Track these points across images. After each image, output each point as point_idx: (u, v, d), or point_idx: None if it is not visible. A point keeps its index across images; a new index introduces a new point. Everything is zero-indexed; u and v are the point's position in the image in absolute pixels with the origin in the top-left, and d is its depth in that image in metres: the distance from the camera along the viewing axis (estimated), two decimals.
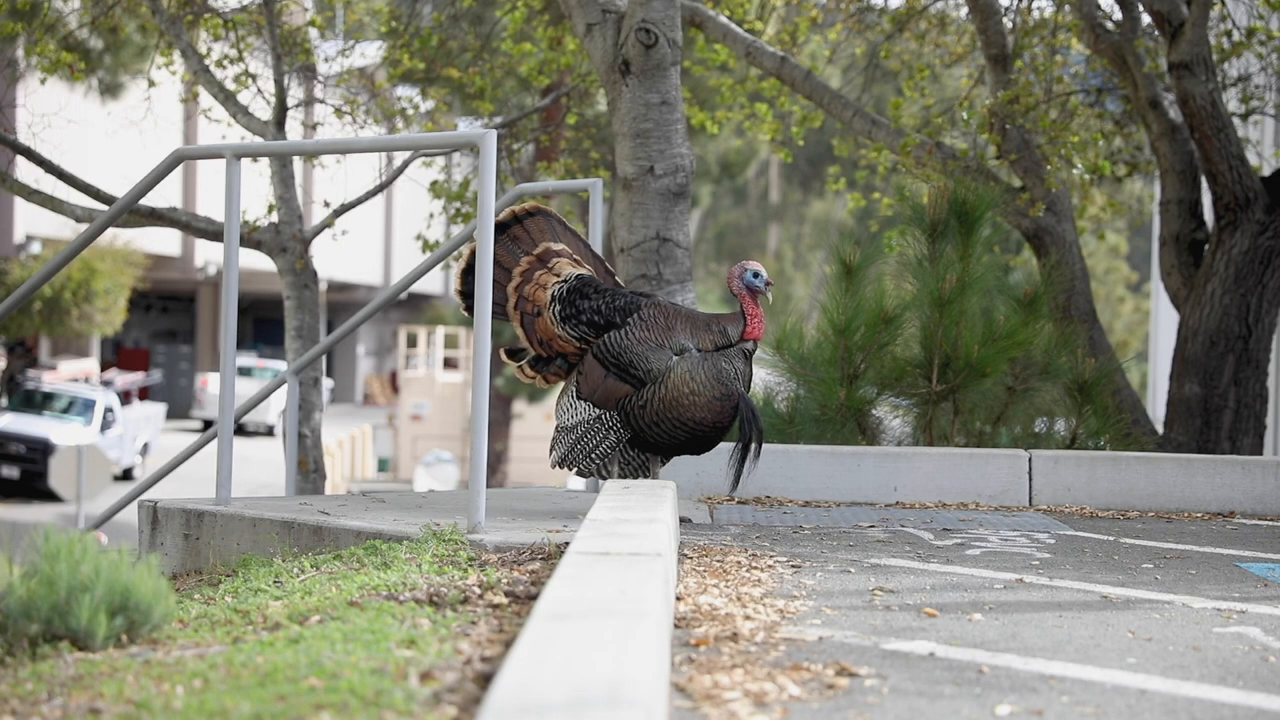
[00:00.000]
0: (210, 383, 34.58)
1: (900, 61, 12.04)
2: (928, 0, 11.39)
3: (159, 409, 29.59)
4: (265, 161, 10.75)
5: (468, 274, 5.53)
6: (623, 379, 5.37)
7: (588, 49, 8.08)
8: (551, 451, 5.58)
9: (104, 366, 34.41)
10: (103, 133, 15.55)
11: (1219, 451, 8.55)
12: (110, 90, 22.60)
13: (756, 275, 5.40)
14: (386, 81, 12.60)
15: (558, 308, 5.45)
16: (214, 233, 9.54)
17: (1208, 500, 6.70)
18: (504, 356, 5.61)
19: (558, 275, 5.52)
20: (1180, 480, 6.72)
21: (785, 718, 2.89)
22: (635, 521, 4.28)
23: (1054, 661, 3.43)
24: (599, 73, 8.05)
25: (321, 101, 11.58)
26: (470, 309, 5.43)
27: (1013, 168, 9.65)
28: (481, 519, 4.90)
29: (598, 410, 5.39)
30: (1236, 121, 9.93)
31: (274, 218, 10.02)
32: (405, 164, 10.50)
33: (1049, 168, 9.52)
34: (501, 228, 5.60)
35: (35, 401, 25.52)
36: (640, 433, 5.39)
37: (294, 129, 11.51)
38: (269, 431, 35.69)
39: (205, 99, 11.35)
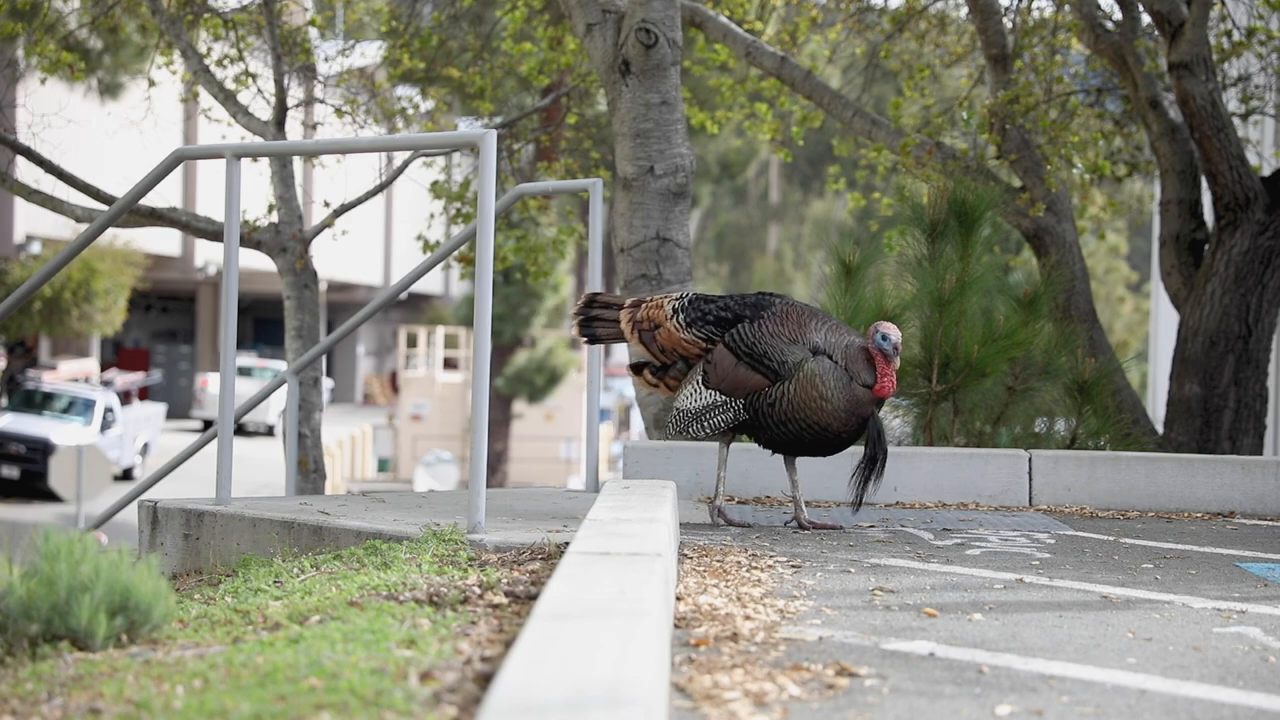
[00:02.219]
0: (210, 383, 34.57)
1: (900, 61, 12.04)
2: (928, 0, 11.39)
3: (159, 409, 29.59)
4: (265, 161, 10.75)
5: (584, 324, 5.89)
6: (755, 369, 5.52)
7: (588, 49, 8.08)
8: (669, 432, 5.80)
9: (104, 366, 34.41)
10: (103, 133, 15.56)
11: (1219, 451, 8.55)
12: (110, 90, 22.62)
13: (885, 338, 5.50)
14: (386, 81, 12.60)
15: (681, 316, 5.65)
16: (214, 233, 9.54)
17: (1208, 500, 6.70)
18: (629, 371, 5.89)
19: (668, 296, 5.77)
20: (1180, 480, 6.72)
21: (785, 718, 2.89)
22: (635, 521, 4.28)
23: (1054, 661, 3.43)
24: (599, 73, 8.05)
25: (321, 101, 11.58)
26: (589, 339, 5.88)
27: (1013, 168, 9.65)
28: (481, 519, 4.90)
29: (724, 397, 5.55)
30: (1236, 121, 9.92)
31: (274, 218, 10.02)
32: (405, 164, 10.50)
33: (1049, 168, 9.51)
34: (590, 303, 5.94)
35: (35, 401, 25.52)
36: (766, 429, 5.56)
37: (294, 129, 11.51)
38: (269, 431, 35.68)
39: (205, 99, 11.35)
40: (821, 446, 5.60)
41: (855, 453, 6.79)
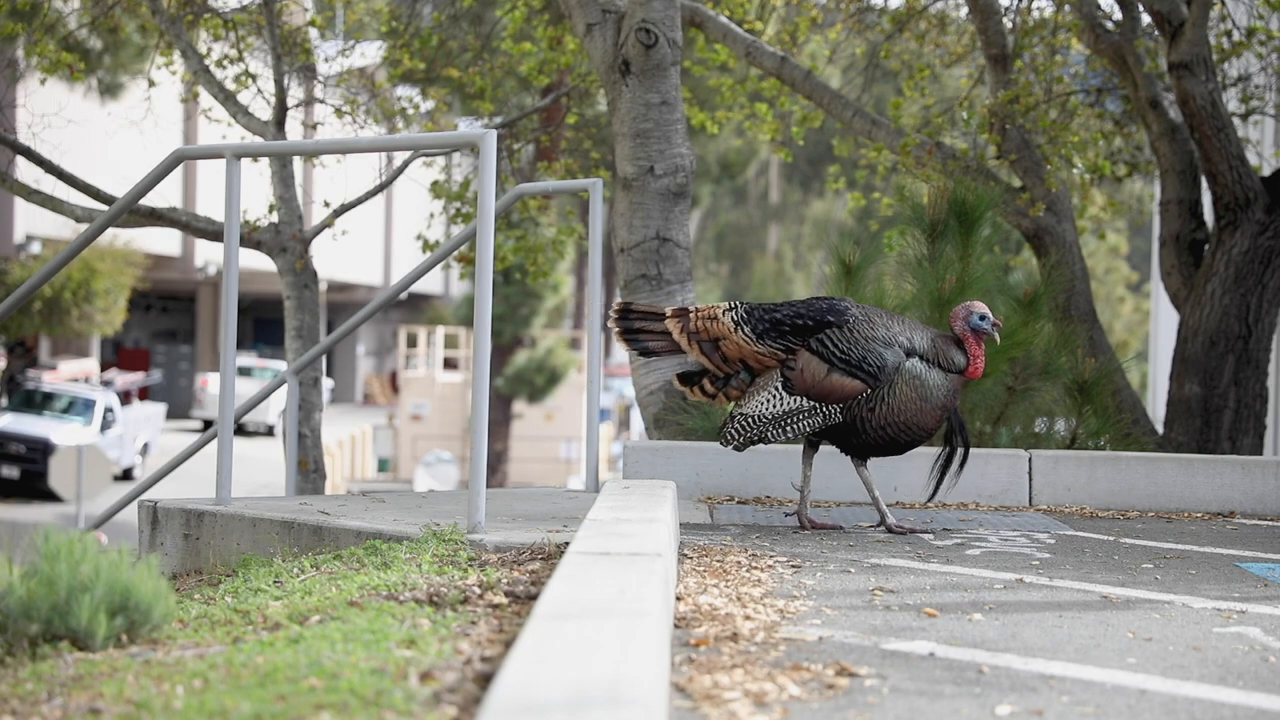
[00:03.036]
0: (210, 383, 34.57)
1: (900, 61, 12.04)
2: (928, 0, 11.39)
3: (159, 409, 29.58)
4: (265, 161, 10.74)
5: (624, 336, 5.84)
6: (852, 375, 5.51)
7: (588, 49, 8.08)
8: (731, 438, 5.65)
9: (104, 366, 34.41)
10: (103, 133, 15.56)
11: (1219, 451, 8.55)
12: (110, 90, 22.61)
13: (983, 318, 5.55)
14: (386, 81, 12.59)
15: (748, 329, 5.60)
16: (214, 233, 9.53)
17: (1208, 500, 6.70)
18: (677, 383, 5.78)
19: (717, 307, 5.71)
20: (1180, 480, 6.72)
21: (785, 718, 2.89)
22: (635, 521, 4.29)
23: (1054, 661, 3.43)
24: (599, 73, 8.05)
25: (321, 101, 11.57)
26: (641, 353, 5.80)
27: (1013, 168, 9.65)
28: (481, 519, 4.90)
29: (812, 403, 5.53)
30: (1236, 121, 9.92)
31: (274, 218, 10.01)
32: (405, 164, 10.49)
33: (1049, 168, 9.51)
34: (625, 314, 5.87)
35: (35, 401, 25.52)
36: (861, 434, 5.55)
37: (294, 129, 11.50)
38: (269, 431, 35.68)
39: (205, 99, 11.34)
40: (910, 446, 5.63)
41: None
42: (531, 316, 32.32)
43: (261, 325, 44.55)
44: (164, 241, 31.14)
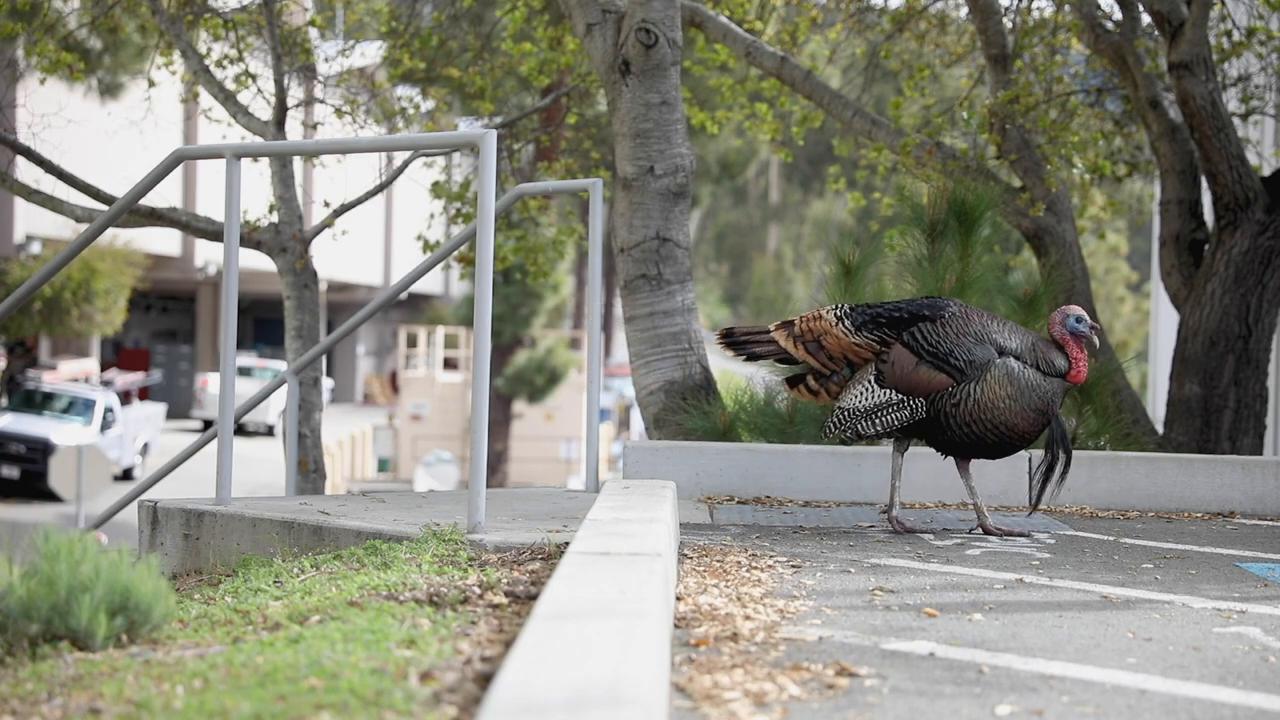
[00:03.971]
0: (210, 383, 34.57)
1: (900, 61, 12.03)
2: (928, 0, 11.39)
3: (159, 409, 29.58)
4: (265, 161, 10.74)
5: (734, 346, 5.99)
6: (939, 368, 5.54)
7: (588, 49, 8.08)
8: (830, 431, 5.74)
9: (104, 366, 34.41)
10: (103, 133, 15.55)
11: (1219, 451, 8.54)
12: (110, 90, 22.61)
13: (1080, 320, 5.59)
14: (386, 81, 12.59)
15: (848, 322, 5.69)
16: (214, 233, 9.53)
17: (1208, 500, 6.70)
18: (786, 387, 5.92)
19: (822, 309, 5.82)
20: (1180, 480, 6.72)
21: (785, 718, 2.89)
22: (635, 521, 4.29)
23: (1054, 661, 3.43)
24: (599, 73, 8.05)
25: (321, 101, 11.57)
26: (749, 358, 5.97)
27: (1013, 168, 9.64)
28: (481, 519, 4.90)
29: (901, 396, 5.56)
30: (1236, 121, 9.92)
31: (274, 218, 10.01)
32: (405, 164, 10.49)
33: (1049, 168, 9.51)
34: (729, 334, 6.04)
35: (35, 401, 25.52)
36: (946, 430, 5.56)
37: (294, 129, 11.50)
38: (269, 431, 35.68)
39: (205, 99, 11.34)
40: (1003, 448, 5.61)
41: (857, 453, 6.77)
42: (531, 316, 32.33)
43: (261, 325, 44.54)
44: (164, 241, 31.14)
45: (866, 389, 5.64)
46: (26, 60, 12.46)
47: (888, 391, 5.59)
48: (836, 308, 5.78)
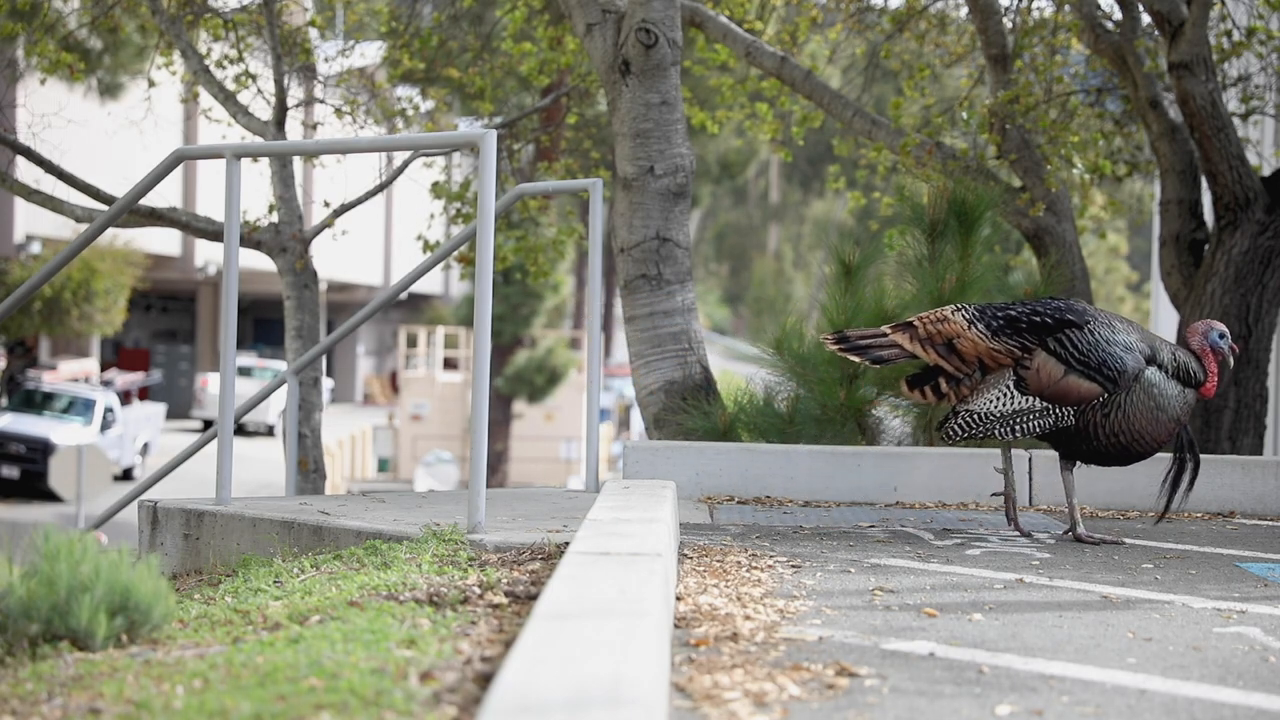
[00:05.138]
0: (210, 383, 34.58)
1: (900, 61, 12.04)
2: (928, 0, 11.39)
3: (159, 409, 29.58)
4: (265, 161, 10.74)
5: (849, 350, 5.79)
6: (1089, 378, 5.44)
7: (588, 49, 8.08)
8: (955, 434, 5.62)
9: (104, 366, 34.41)
10: (103, 133, 15.55)
11: (1219, 451, 8.54)
12: (110, 90, 22.61)
13: (1223, 336, 5.56)
14: (386, 81, 12.59)
15: (981, 326, 5.57)
16: (214, 233, 9.53)
17: (1208, 500, 6.70)
18: (905, 389, 5.76)
19: (944, 309, 5.69)
20: None
21: (785, 718, 2.89)
22: (635, 521, 4.29)
23: (1054, 661, 3.43)
24: (599, 73, 8.05)
25: (321, 101, 11.57)
26: (874, 362, 5.73)
27: (1013, 168, 9.65)
28: (481, 519, 4.90)
29: (1045, 403, 5.48)
30: (1236, 121, 9.92)
31: (274, 218, 10.02)
32: (405, 164, 10.49)
33: (1049, 168, 9.51)
34: (842, 338, 5.84)
35: (35, 401, 25.52)
36: (1091, 440, 5.48)
37: (294, 129, 11.50)
38: (269, 431, 35.68)
39: (205, 99, 11.35)
40: (1139, 457, 5.55)
41: (856, 453, 6.76)
42: (531, 316, 32.34)
43: (261, 325, 44.55)
44: (164, 241, 31.14)
45: (1005, 394, 5.52)
46: (26, 60, 12.46)
47: (1030, 399, 5.48)
48: (963, 310, 5.63)
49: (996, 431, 5.54)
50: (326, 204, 10.58)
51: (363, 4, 12.93)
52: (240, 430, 31.32)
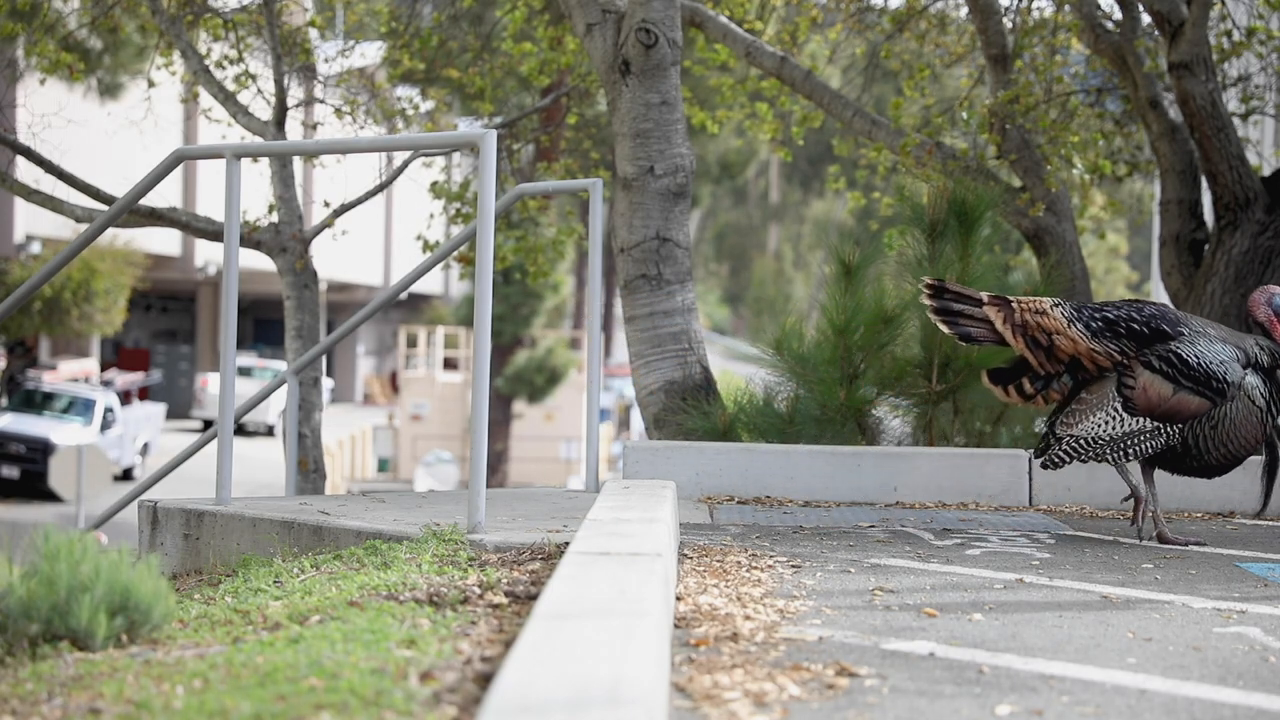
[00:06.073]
0: (210, 383, 34.58)
1: (900, 61, 12.04)
2: (928, 0, 11.39)
3: (159, 409, 29.59)
4: (265, 161, 10.74)
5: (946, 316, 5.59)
6: (1199, 393, 5.27)
7: (588, 49, 8.08)
8: (1060, 461, 5.45)
9: (104, 366, 34.41)
10: (103, 133, 15.55)
11: None
12: (110, 90, 22.62)
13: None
14: (386, 82, 12.59)
15: (1080, 326, 5.38)
16: (214, 233, 9.53)
17: (1208, 500, 6.69)
18: (987, 381, 5.57)
19: (1041, 300, 5.49)
20: (1180, 480, 6.71)
21: (785, 718, 2.89)
22: (635, 521, 4.29)
23: (1054, 661, 3.43)
24: (599, 73, 8.05)
25: (321, 101, 11.58)
26: (962, 338, 5.55)
27: (1013, 168, 9.65)
28: (481, 519, 4.90)
29: (1156, 423, 5.31)
30: (1236, 121, 9.92)
31: (274, 218, 10.02)
32: (405, 164, 10.49)
33: (1049, 168, 9.51)
34: (938, 292, 5.62)
35: (35, 401, 25.52)
36: (1199, 455, 5.33)
37: (294, 129, 11.50)
38: (269, 431, 35.68)
39: (205, 99, 11.35)
40: (1239, 463, 5.41)
41: (856, 453, 6.76)
42: (531, 316, 32.34)
43: (261, 325, 44.55)
44: (164, 241, 31.14)
45: (1113, 417, 5.32)
46: (26, 60, 12.46)
47: (1140, 419, 5.30)
48: (1061, 305, 5.41)
49: (1108, 455, 5.36)
50: (326, 204, 10.58)
51: (363, 4, 12.93)
52: (240, 430, 31.32)
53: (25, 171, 10.01)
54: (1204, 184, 9.03)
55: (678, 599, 3.99)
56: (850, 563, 4.82)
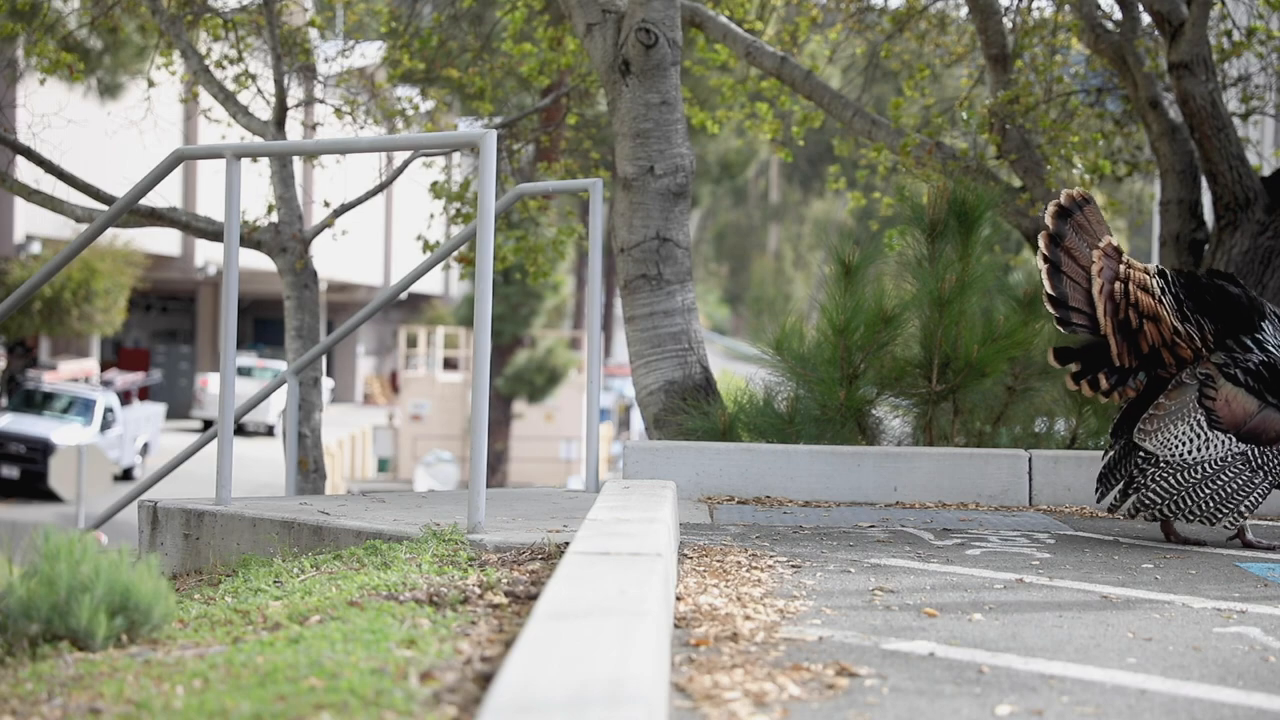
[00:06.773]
0: (210, 383, 34.58)
1: (900, 61, 12.04)
2: (928, 0, 11.39)
3: (159, 409, 29.59)
4: (265, 161, 10.74)
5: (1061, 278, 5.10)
6: None
7: (588, 49, 8.08)
8: (1129, 494, 5.10)
9: (104, 366, 34.41)
10: (103, 133, 15.55)
11: None
12: (110, 90, 22.62)
13: None
14: (386, 81, 12.59)
15: (1169, 296, 4.91)
16: (214, 233, 9.53)
17: None
18: (1070, 382, 5.17)
19: (1149, 269, 5.02)
20: None
21: (785, 718, 2.89)
22: (635, 521, 4.29)
23: (1054, 661, 3.43)
24: (599, 73, 8.05)
25: (321, 101, 11.58)
26: (1060, 321, 5.10)
27: (1013, 168, 9.65)
28: (481, 519, 4.90)
29: (1245, 445, 4.93)
30: (1236, 121, 9.92)
31: (274, 218, 10.02)
32: (405, 164, 10.50)
33: (1049, 168, 9.51)
34: (1065, 214, 5.07)
35: (35, 401, 25.53)
36: None
37: (294, 129, 11.50)
38: (269, 431, 35.68)
39: (205, 99, 11.35)
40: None
41: (856, 453, 6.75)
42: (531, 316, 32.35)
43: (261, 325, 44.56)
44: (164, 241, 31.14)
45: (1195, 433, 4.90)
46: (26, 60, 12.46)
47: (1228, 437, 4.91)
48: (1159, 275, 4.87)
49: (1224, 521, 4.95)
50: (326, 204, 10.58)
51: (363, 4, 12.93)
52: (240, 430, 31.33)
53: (25, 171, 10.01)
54: (1204, 184, 9.03)
55: (678, 599, 3.99)
56: (850, 563, 4.82)
